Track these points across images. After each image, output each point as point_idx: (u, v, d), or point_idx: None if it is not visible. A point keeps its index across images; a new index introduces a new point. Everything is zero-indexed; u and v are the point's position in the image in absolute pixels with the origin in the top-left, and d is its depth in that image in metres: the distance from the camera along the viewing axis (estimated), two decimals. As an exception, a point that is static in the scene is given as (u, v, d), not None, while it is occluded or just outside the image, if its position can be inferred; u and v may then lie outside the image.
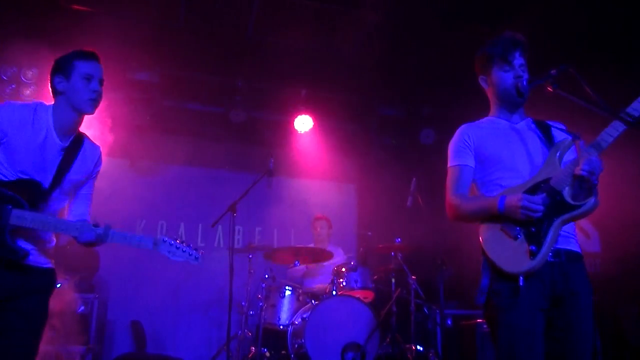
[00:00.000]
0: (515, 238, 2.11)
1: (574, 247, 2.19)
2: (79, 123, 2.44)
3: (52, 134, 2.34)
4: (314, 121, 6.23)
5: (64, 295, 4.68)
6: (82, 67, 2.39)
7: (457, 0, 4.61)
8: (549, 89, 2.18)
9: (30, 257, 2.30)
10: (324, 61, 5.46)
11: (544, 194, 2.10)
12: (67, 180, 2.39)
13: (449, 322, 5.31)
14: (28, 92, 5.30)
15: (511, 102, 2.36)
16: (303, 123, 6.22)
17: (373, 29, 4.87)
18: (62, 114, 2.37)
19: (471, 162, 2.35)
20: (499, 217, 2.16)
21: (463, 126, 2.44)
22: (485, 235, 2.21)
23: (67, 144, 2.39)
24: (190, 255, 2.43)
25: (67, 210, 2.52)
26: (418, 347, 5.03)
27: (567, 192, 2.09)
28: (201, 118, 6.34)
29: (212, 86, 5.91)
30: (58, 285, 4.84)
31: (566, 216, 2.08)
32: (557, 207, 2.08)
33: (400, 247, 5.18)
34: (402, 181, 5.68)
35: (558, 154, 2.19)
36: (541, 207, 2.06)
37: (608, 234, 5.51)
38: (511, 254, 2.10)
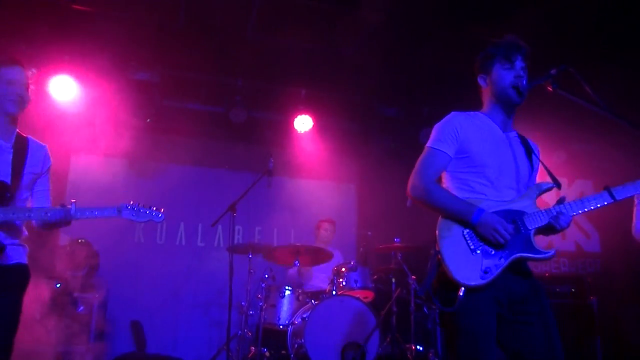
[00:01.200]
0: (474, 251, 2.16)
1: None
2: (11, 123, 2.62)
3: None
4: (314, 121, 6.24)
5: (64, 295, 4.69)
6: (5, 74, 2.58)
7: (457, 0, 4.60)
8: (549, 88, 2.18)
9: None
10: (324, 61, 5.46)
11: (514, 226, 2.17)
12: (25, 175, 2.58)
13: (449, 322, 5.30)
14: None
15: (508, 103, 2.35)
16: (303, 123, 6.23)
17: (373, 29, 4.87)
18: None
19: (451, 152, 2.33)
20: (466, 223, 2.19)
21: (456, 114, 2.39)
22: (444, 232, 2.22)
23: (11, 143, 2.59)
24: (152, 214, 2.74)
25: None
26: (418, 347, 5.03)
27: (533, 233, 2.19)
28: (201, 118, 6.34)
29: (212, 86, 5.91)
30: (58, 285, 4.87)
31: (525, 255, 2.16)
32: (521, 242, 2.17)
33: (400, 247, 5.17)
34: (402, 181, 5.67)
35: (537, 194, 2.27)
36: (509, 237, 2.13)
37: (608, 234, 5.52)
38: (464, 264, 2.14)
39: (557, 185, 2.30)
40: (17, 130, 2.68)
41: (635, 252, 4.98)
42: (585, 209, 2.20)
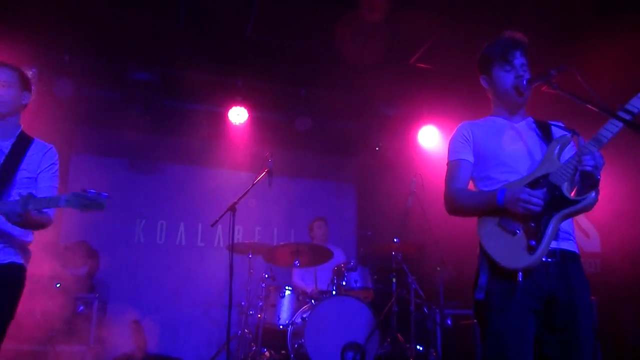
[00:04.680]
0: (514, 233, 2.09)
1: (570, 247, 2.18)
2: (5, 123, 2.61)
3: None
4: (313, 121, 6.23)
5: (64, 295, 4.69)
6: None
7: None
8: (549, 88, 2.18)
9: None
10: (324, 61, 5.46)
11: (544, 189, 2.08)
12: (19, 174, 2.53)
13: (449, 322, 5.31)
14: (28, 92, 5.30)
15: (512, 102, 2.36)
16: (302, 123, 6.22)
17: (373, 29, 4.86)
18: None
19: (470, 158, 2.35)
20: (498, 211, 2.14)
21: (463, 123, 2.44)
22: (483, 229, 2.19)
23: (10, 142, 2.59)
24: (95, 199, 2.30)
25: None
26: (418, 347, 5.03)
27: (565, 188, 2.07)
28: (201, 118, 6.34)
29: (213, 86, 5.91)
30: (58, 285, 4.86)
31: (566, 211, 2.05)
32: (556, 202, 2.06)
33: (400, 247, 5.17)
34: (402, 181, 5.68)
35: (557, 150, 2.18)
36: (541, 202, 2.03)
37: (608, 234, 5.50)
38: (509, 250, 2.08)
39: (572, 132, 2.17)
40: (22, 130, 2.66)
41: (635, 252, 4.98)
42: (605, 139, 2.00)
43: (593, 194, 2.03)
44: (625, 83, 4.43)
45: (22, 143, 2.60)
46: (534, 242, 2.03)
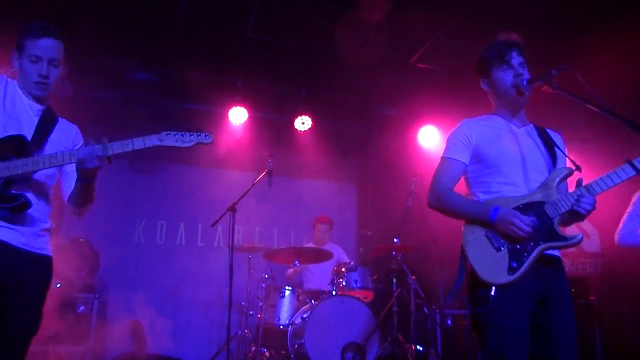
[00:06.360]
0: (499, 249, 2.14)
1: (553, 252, 2.23)
2: (41, 101, 2.35)
3: (22, 97, 2.29)
4: (313, 121, 6.24)
5: (64, 295, 4.69)
6: (30, 48, 2.21)
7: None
8: (549, 88, 2.18)
9: (23, 238, 2.17)
10: (324, 61, 5.46)
11: (535, 217, 2.13)
12: (48, 144, 2.28)
13: (449, 322, 5.31)
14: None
15: (513, 102, 2.36)
16: (303, 123, 6.23)
17: (373, 29, 4.87)
18: (23, 86, 2.31)
19: (465, 159, 2.36)
20: (487, 224, 2.18)
21: (466, 121, 2.43)
22: (469, 237, 2.23)
23: (42, 110, 2.32)
24: (199, 136, 2.38)
25: (60, 190, 2.42)
26: (418, 347, 5.02)
27: (557, 222, 2.14)
28: (201, 118, 6.34)
29: (213, 86, 5.91)
30: (58, 285, 4.86)
31: (552, 244, 2.13)
32: (546, 232, 2.13)
33: (400, 247, 5.17)
34: (402, 181, 5.68)
35: (558, 179, 2.21)
36: (529, 230, 2.09)
37: (608, 234, 5.51)
38: (491, 264, 2.14)
39: (577, 168, 2.24)
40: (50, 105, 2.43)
41: (635, 253, 4.98)
42: (607, 186, 2.08)
43: (581, 235, 2.11)
44: (625, 83, 4.46)
45: (50, 115, 2.34)
46: (515, 264, 2.10)
